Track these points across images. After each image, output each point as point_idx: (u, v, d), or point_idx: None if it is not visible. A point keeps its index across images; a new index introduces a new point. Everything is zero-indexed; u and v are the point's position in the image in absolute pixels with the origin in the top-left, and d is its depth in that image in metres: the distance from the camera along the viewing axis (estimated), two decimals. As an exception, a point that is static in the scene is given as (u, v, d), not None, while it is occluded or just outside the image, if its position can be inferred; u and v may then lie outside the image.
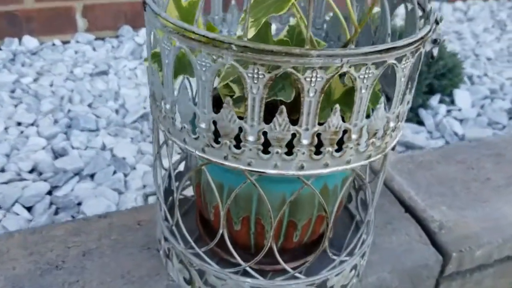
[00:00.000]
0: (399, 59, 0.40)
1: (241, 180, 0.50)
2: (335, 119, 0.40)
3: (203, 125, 0.42)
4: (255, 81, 0.38)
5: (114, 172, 0.93)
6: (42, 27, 1.37)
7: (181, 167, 0.68)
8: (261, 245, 0.55)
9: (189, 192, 0.69)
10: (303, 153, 0.42)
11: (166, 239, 0.56)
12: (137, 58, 1.35)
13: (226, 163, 0.43)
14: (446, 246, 0.65)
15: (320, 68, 0.37)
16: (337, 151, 0.43)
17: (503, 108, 1.17)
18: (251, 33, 0.40)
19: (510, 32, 1.59)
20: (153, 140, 0.52)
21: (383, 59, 0.39)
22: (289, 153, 0.42)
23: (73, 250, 0.61)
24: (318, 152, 0.43)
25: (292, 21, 0.50)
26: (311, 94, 0.39)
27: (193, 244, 0.52)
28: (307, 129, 0.41)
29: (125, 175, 0.92)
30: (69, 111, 1.11)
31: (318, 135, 0.41)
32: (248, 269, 0.51)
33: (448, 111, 1.19)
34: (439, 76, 1.21)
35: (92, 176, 0.92)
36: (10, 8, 1.32)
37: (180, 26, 0.39)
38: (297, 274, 0.52)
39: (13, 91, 1.17)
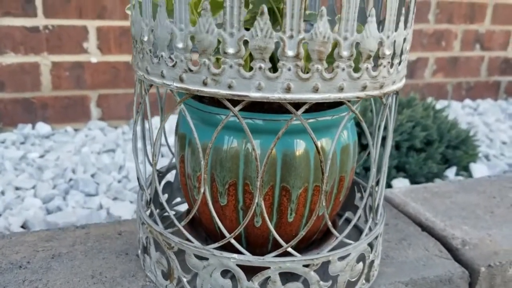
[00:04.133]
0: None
1: (224, 137, 0.45)
2: (321, 25, 0.37)
3: (180, 45, 0.39)
4: (233, -25, 0.36)
5: (108, 227, 0.87)
6: (57, 114, 1.40)
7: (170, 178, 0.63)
8: (250, 227, 0.47)
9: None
10: (289, 69, 0.38)
11: (145, 227, 0.49)
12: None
13: (206, 89, 0.39)
14: (472, 261, 0.56)
15: (301, -43, 0.35)
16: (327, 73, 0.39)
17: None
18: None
19: (524, 123, 1.58)
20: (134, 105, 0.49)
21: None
22: (274, 70, 0.38)
23: (42, 254, 0.54)
24: (306, 72, 0.39)
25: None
26: (294, -10, 0.36)
27: (170, 213, 0.45)
28: (291, 37, 0.37)
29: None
30: (70, 179, 1.08)
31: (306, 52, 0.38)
32: (234, 242, 0.43)
33: (467, 184, 1.12)
34: (452, 147, 1.17)
35: (83, 231, 0.86)
36: (27, 95, 1.37)
37: None
38: (293, 252, 0.43)
39: (18, 164, 1.16)
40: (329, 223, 0.43)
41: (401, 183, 1.06)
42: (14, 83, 1.34)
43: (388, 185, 1.04)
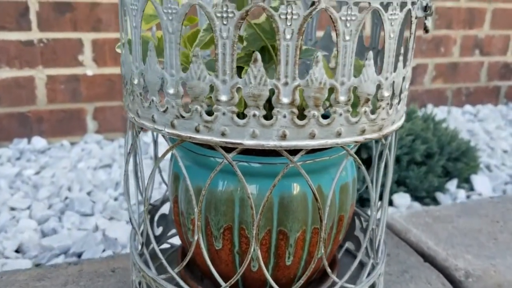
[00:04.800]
0: (385, 7, 0.37)
1: (218, 181, 0.43)
2: (317, 71, 0.36)
3: (171, 91, 0.38)
4: (225, 22, 0.34)
5: (103, 251, 0.85)
6: (53, 128, 1.39)
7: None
8: (247, 271, 0.46)
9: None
10: (284, 116, 0.36)
11: (137, 271, 0.48)
12: (143, 153, 1.33)
13: (198, 136, 0.38)
14: (476, 295, 0.55)
15: (295, 3, 0.34)
16: (324, 118, 0.37)
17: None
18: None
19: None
20: (125, 143, 0.47)
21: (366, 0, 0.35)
22: (269, 117, 0.37)
23: (33, 295, 0.52)
24: (302, 118, 0.37)
25: None
26: (288, 36, 0.34)
27: (164, 261, 0.43)
28: (286, 84, 0.36)
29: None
30: (66, 198, 1.07)
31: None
32: (229, 290, 0.42)
33: (468, 197, 1.11)
34: (453, 159, 1.15)
35: (79, 255, 0.84)
36: (22, 109, 1.35)
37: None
38: (290, 299, 0.42)
39: (13, 182, 1.14)
40: (328, 270, 0.41)
41: (401, 198, 1.05)
42: (9, 97, 1.33)
43: (389, 201, 1.03)
